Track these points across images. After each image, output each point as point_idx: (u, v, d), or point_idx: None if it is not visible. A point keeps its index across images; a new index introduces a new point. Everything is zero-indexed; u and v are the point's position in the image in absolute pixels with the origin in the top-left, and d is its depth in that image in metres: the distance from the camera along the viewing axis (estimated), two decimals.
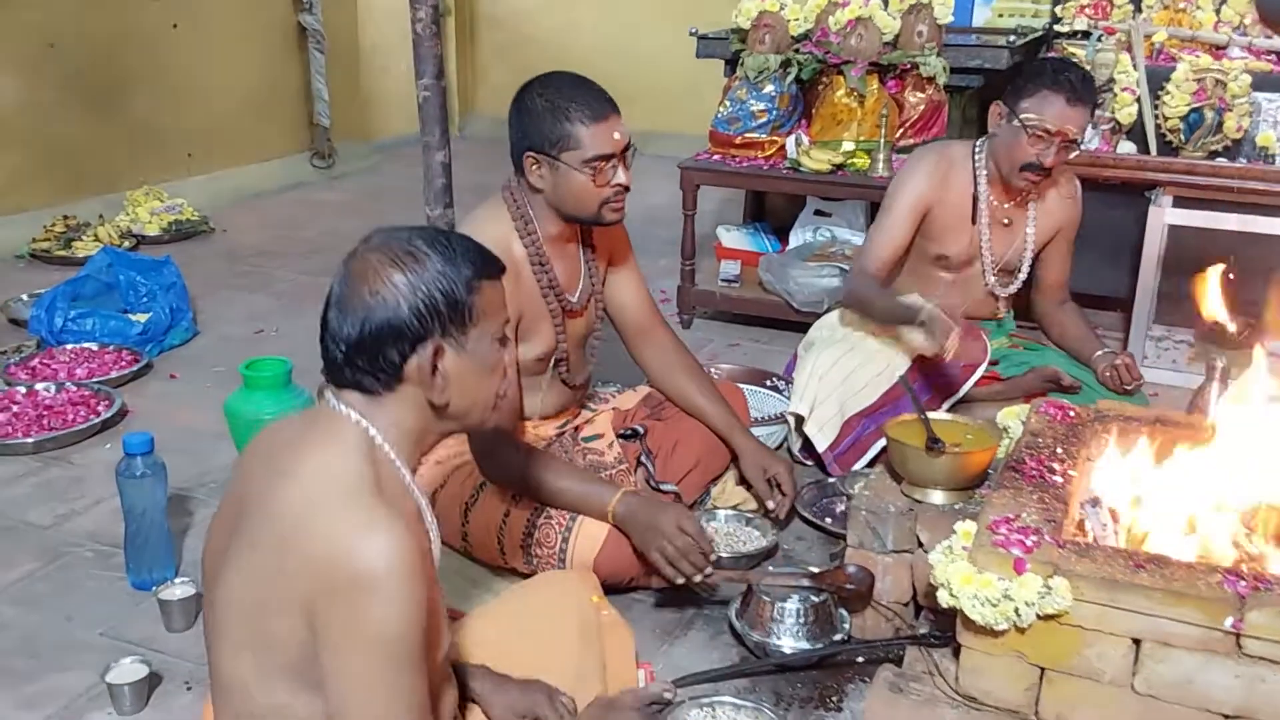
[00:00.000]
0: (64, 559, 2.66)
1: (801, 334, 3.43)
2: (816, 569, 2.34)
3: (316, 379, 1.63)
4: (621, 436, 2.68)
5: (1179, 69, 3.66)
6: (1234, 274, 3.26)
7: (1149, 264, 3.64)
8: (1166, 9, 4.08)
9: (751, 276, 4.20)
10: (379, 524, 1.32)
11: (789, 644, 2.22)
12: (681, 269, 4.20)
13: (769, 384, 3.44)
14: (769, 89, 4.02)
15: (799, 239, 4.33)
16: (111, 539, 2.67)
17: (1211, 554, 1.91)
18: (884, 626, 2.25)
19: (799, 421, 3.01)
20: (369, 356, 1.42)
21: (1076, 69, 2.85)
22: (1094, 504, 1.95)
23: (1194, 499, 2.00)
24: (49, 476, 3.06)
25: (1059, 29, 4.10)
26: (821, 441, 2.96)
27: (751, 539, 2.62)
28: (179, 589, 2.38)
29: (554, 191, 2.39)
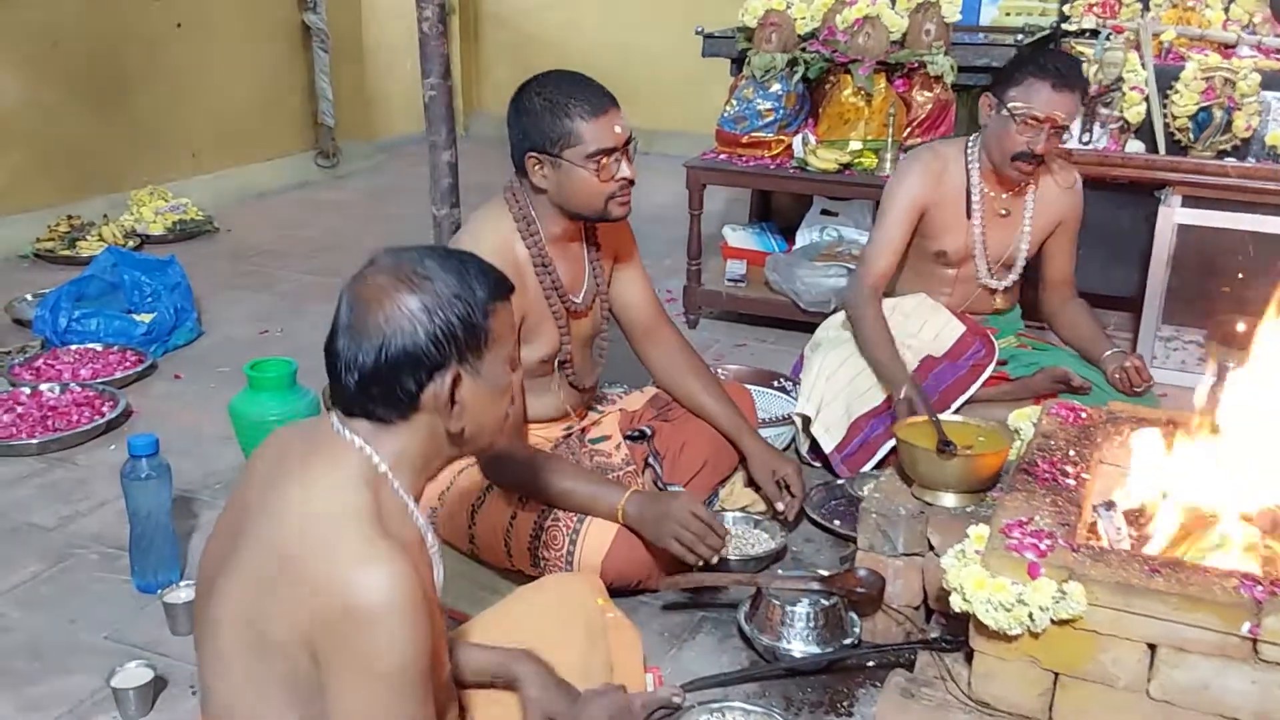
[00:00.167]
0: (68, 561, 2.64)
1: (808, 334, 3.42)
2: (826, 572, 2.33)
3: (321, 379, 1.61)
4: (629, 438, 2.67)
5: (1188, 68, 3.64)
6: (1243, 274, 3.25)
7: (1158, 264, 3.62)
8: (1175, 7, 4.04)
9: (758, 276, 4.19)
10: (379, 557, 1.29)
11: (799, 648, 2.20)
12: (688, 269, 4.18)
13: (776, 385, 3.42)
14: (776, 88, 4.00)
15: (805, 239, 4.31)
16: (116, 541, 2.66)
17: (1228, 558, 1.89)
18: (895, 630, 2.24)
19: (806, 423, 3.00)
20: (385, 385, 1.37)
21: (1062, 56, 2.86)
22: (1108, 507, 1.93)
23: (1209, 502, 1.98)
24: (53, 478, 3.05)
25: (1067, 27, 4.08)
26: (828, 443, 2.95)
27: (760, 541, 2.61)
28: (184, 592, 2.36)
29: (558, 190, 2.37)
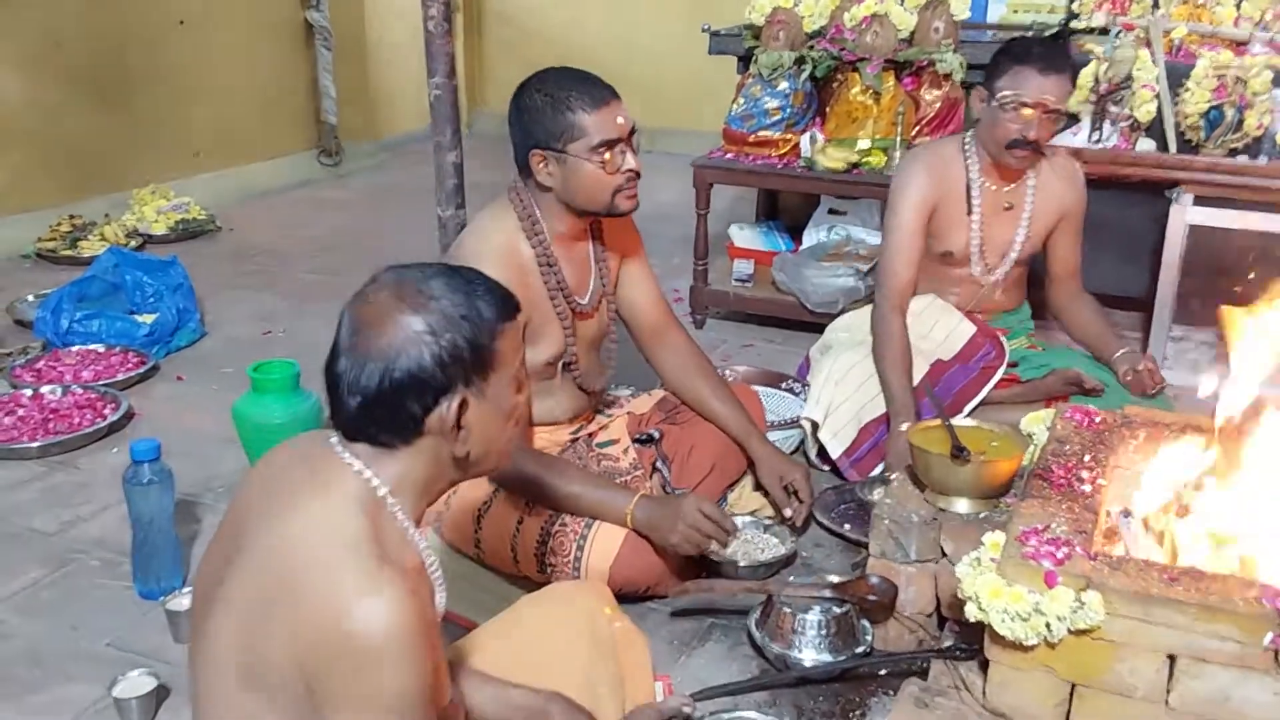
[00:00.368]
0: (70, 567, 2.62)
1: (816, 334, 3.39)
2: (837, 578, 2.30)
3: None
4: (637, 441, 2.64)
5: (1199, 65, 3.60)
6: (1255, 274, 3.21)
7: (1170, 264, 3.57)
8: (1186, 4, 4.00)
9: (765, 276, 4.15)
10: (378, 587, 1.25)
11: (810, 656, 2.17)
12: (694, 268, 4.15)
13: (784, 386, 3.38)
14: (783, 86, 3.97)
15: (813, 238, 4.28)
16: (118, 546, 2.63)
17: (1248, 567, 1.86)
18: (907, 638, 2.21)
19: (814, 427, 2.97)
20: (389, 410, 1.34)
21: (1046, 41, 2.87)
22: (1125, 515, 1.90)
23: (1228, 508, 1.95)
24: (54, 482, 3.02)
25: (1076, 25, 4.04)
26: (836, 448, 2.92)
27: (770, 546, 2.57)
28: (187, 599, 2.32)
29: (565, 186, 2.34)
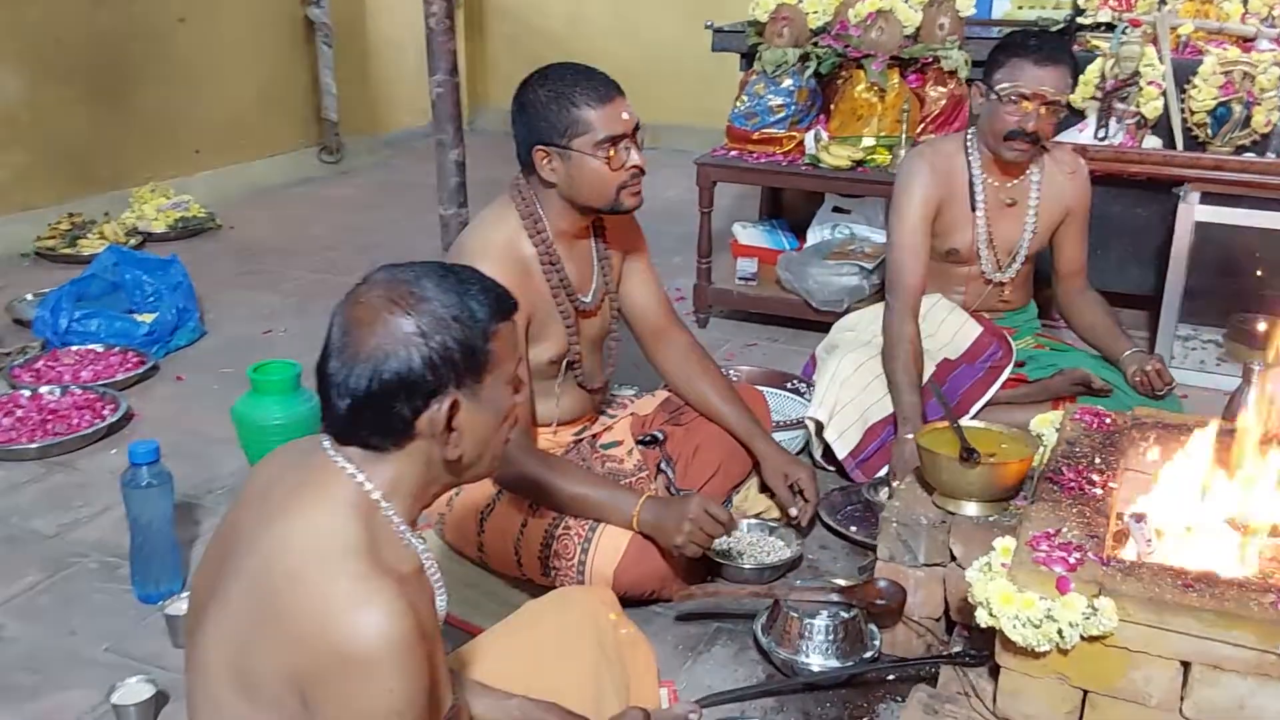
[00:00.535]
0: (68, 570, 2.59)
1: (820, 333, 3.36)
2: (845, 582, 2.27)
3: None
4: (641, 442, 2.61)
5: (1206, 62, 3.58)
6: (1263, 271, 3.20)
7: (1177, 262, 3.55)
8: (1192, 0, 3.98)
9: (769, 275, 4.12)
10: (373, 596, 1.23)
11: (818, 661, 2.15)
12: (697, 267, 4.12)
13: (789, 386, 3.35)
14: (787, 83, 3.94)
15: (817, 236, 4.24)
16: (117, 549, 2.61)
17: (1265, 573, 1.83)
18: (915, 643, 2.18)
19: (819, 428, 2.94)
20: (378, 412, 1.31)
21: (1043, 33, 2.86)
22: (1138, 520, 1.87)
23: (1241, 513, 1.93)
24: (53, 483, 2.99)
25: (1082, 21, 4.01)
26: (841, 449, 2.89)
27: (775, 549, 2.55)
28: (186, 603, 2.30)
29: (568, 183, 2.32)
